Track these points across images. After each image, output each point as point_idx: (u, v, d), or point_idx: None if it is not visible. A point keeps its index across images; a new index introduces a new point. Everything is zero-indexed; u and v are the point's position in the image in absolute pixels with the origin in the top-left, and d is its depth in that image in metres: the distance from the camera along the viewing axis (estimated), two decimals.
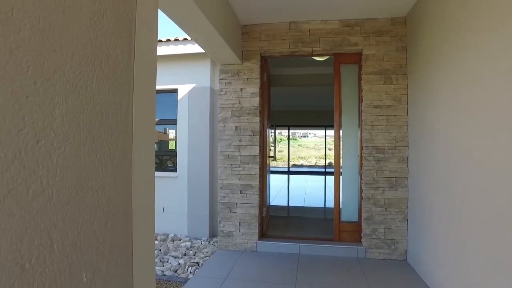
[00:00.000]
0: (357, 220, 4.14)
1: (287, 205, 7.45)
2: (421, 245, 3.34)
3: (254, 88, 4.17)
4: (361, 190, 4.00)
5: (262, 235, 4.34)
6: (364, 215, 3.89)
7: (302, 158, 26.09)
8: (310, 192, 9.58)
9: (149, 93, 1.14)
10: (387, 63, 3.87)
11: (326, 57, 4.91)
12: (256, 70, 4.17)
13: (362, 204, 3.91)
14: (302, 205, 7.32)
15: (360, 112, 4.06)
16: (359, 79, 4.10)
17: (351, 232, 4.12)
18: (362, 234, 3.95)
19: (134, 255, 1.04)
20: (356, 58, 4.11)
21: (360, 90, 4.08)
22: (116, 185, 0.94)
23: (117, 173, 0.94)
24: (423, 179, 3.31)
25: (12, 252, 0.61)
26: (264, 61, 4.36)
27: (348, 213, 4.20)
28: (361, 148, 3.98)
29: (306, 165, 21.84)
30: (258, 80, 4.16)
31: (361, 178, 4.01)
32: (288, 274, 3.38)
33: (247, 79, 4.18)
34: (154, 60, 1.18)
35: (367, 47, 3.93)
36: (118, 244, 0.95)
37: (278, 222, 5.36)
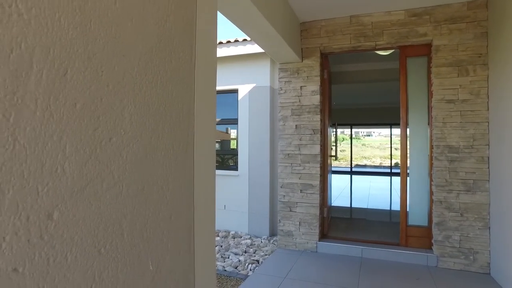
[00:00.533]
0: (426, 224, 3.84)
1: (349, 206, 7.20)
2: (510, 258, 2.96)
3: (314, 86, 4.10)
4: (431, 193, 3.69)
5: (323, 236, 4.25)
6: (435, 220, 3.58)
7: (365, 158, 25.00)
8: (374, 193, 9.13)
9: (210, 93, 1.19)
10: (462, 53, 3.51)
11: (391, 51, 4.63)
12: (316, 68, 4.10)
13: (433, 208, 3.61)
14: (365, 207, 7.00)
15: (429, 108, 3.75)
16: (428, 72, 3.79)
17: (420, 238, 3.83)
18: (433, 241, 3.64)
19: (196, 248, 1.09)
20: (425, 50, 3.81)
21: (429, 84, 3.77)
22: (179, 181, 0.99)
23: (180, 169, 0.99)
24: (510, 182, 2.94)
25: (91, 237, 0.68)
26: (324, 58, 4.27)
27: (416, 217, 3.91)
28: (431, 147, 3.67)
29: (370, 165, 20.86)
30: (318, 78, 4.08)
31: (431, 180, 3.70)
32: (350, 277, 3.26)
33: (307, 77, 4.13)
34: (214, 61, 1.23)
35: (437, 37, 3.62)
36: (181, 237, 1.01)
37: (339, 223, 5.20)
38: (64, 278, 0.63)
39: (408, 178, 3.92)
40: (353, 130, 15.68)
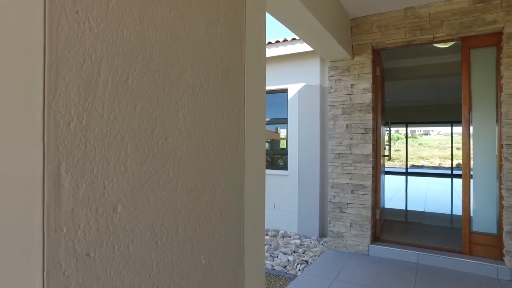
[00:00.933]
0: (495, 232, 3.50)
1: (404, 208, 6.83)
2: None
3: (366, 84, 3.96)
4: (500, 197, 3.37)
5: (375, 239, 4.09)
6: (506, 228, 3.26)
7: (423, 158, 23.50)
8: (433, 196, 8.56)
9: (259, 93, 1.21)
10: None
11: (451, 43, 4.31)
12: (367, 65, 3.95)
13: (503, 214, 3.29)
14: (423, 210, 6.59)
15: (498, 104, 3.43)
16: (498, 64, 3.46)
17: (487, 247, 3.51)
18: (504, 251, 3.31)
19: (246, 245, 1.12)
20: (493, 40, 3.48)
21: (498, 77, 3.44)
22: (230, 179, 1.03)
23: (231, 168, 1.03)
24: None
25: (149, 230, 0.74)
26: (377, 54, 4.10)
27: (482, 223, 3.59)
28: (500, 146, 3.35)
29: (428, 166, 19.56)
30: (370, 75, 3.93)
31: (500, 183, 3.38)
32: (405, 284, 3.10)
33: (358, 74, 4.00)
34: (263, 62, 1.25)
35: (510, 23, 3.28)
36: (231, 234, 1.04)
37: (393, 226, 4.96)
38: (127, 266, 0.69)
39: (471, 180, 3.62)
40: (409, 128, 14.82)
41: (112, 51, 0.66)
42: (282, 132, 5.77)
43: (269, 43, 5.32)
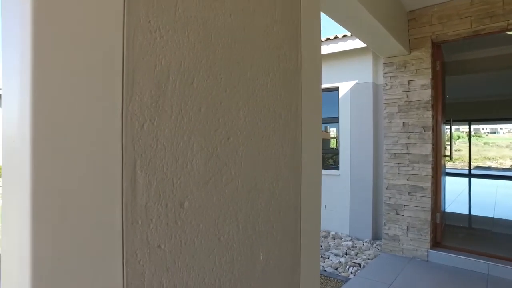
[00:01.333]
0: None
1: (468, 213, 6.31)
2: None
3: (424, 80, 3.72)
4: None
5: (435, 244, 3.83)
6: None
7: (489, 159, 21.50)
8: (504, 200, 7.79)
9: (315, 93, 1.20)
10: None
11: None
12: (426, 59, 3.72)
13: None
14: (491, 216, 6.03)
15: None
16: None
17: None
18: None
19: (302, 244, 1.12)
20: None
21: None
22: (287, 179, 1.03)
23: (288, 168, 1.04)
24: None
25: (212, 226, 0.77)
26: (437, 47, 3.84)
27: None
28: None
29: (496, 168, 17.84)
30: (429, 70, 3.69)
31: None
32: None
33: (416, 70, 3.78)
34: (318, 61, 1.24)
35: None
36: (288, 232, 1.05)
37: (456, 231, 4.61)
38: (193, 259, 0.73)
39: None
40: (472, 126, 13.64)
41: (179, 55, 0.70)
42: (332, 131, 5.65)
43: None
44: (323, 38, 5.22)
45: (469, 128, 13.89)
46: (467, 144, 13.74)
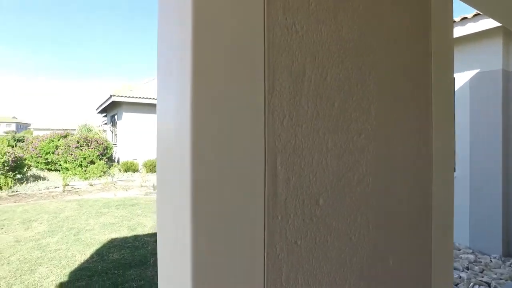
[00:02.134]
0: None
1: None
2: None
3: None
4: None
5: None
6: None
7: None
8: None
9: (447, 84, 1.07)
10: None
11: None
12: None
13: None
14: None
15: None
16: None
17: None
18: None
19: (433, 251, 1.01)
20: None
21: None
22: (417, 178, 0.94)
23: (418, 166, 0.94)
24: None
25: (344, 225, 0.75)
26: None
27: None
28: None
29: None
30: None
31: None
32: None
33: None
34: (451, 49, 1.10)
35: None
36: (419, 238, 0.96)
37: None
38: (325, 257, 0.72)
39: None
40: None
41: (313, 50, 0.69)
42: None
43: None
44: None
45: None
46: None
